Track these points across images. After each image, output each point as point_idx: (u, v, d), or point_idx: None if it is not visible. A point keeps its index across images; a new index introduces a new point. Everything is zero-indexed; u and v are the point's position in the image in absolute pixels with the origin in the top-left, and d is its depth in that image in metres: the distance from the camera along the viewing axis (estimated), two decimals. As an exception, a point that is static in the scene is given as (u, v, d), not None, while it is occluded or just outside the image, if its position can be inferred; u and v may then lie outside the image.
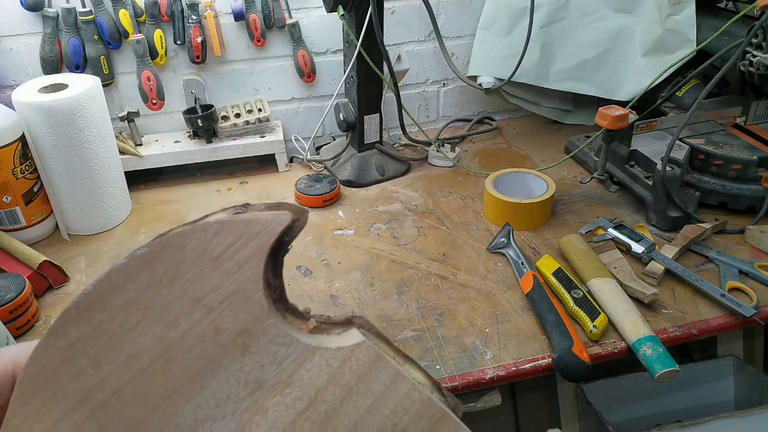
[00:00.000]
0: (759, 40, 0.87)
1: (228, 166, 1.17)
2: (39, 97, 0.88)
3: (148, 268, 0.26)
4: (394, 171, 1.14)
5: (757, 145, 0.98)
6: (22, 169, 0.89)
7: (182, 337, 0.27)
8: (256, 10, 1.10)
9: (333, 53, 1.19)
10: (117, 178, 0.99)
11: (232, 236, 0.27)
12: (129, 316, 0.26)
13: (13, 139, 0.87)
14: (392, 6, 1.18)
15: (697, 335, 0.75)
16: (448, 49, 1.17)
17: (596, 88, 1.21)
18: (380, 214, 1.02)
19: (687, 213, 0.92)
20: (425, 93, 1.30)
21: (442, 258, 0.90)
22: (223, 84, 1.16)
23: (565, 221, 0.98)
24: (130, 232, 0.99)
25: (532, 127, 1.33)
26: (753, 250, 0.88)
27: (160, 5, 1.04)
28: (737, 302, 0.76)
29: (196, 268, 0.27)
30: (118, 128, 1.11)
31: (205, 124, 1.08)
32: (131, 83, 1.10)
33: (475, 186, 1.10)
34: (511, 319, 0.78)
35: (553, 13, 1.16)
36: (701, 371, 1.00)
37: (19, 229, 0.92)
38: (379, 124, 1.13)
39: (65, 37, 1.02)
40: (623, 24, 1.16)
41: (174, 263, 0.26)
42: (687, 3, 1.07)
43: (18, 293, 0.76)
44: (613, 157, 1.02)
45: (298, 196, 1.05)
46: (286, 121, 1.23)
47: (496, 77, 1.19)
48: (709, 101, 1.09)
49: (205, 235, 0.27)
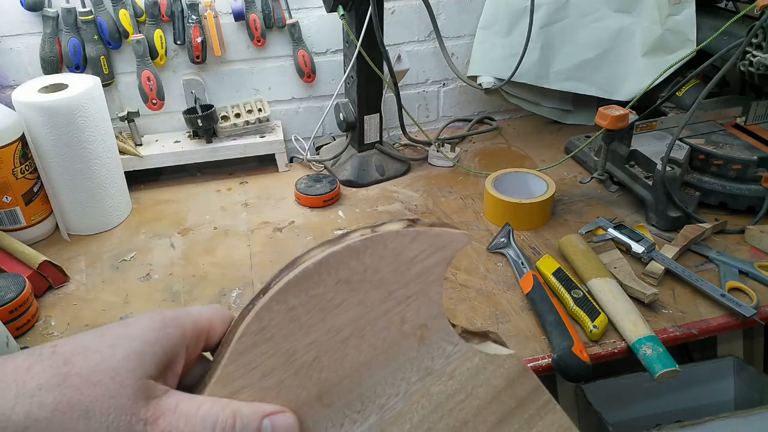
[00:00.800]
0: (759, 40, 0.87)
1: (228, 166, 1.17)
2: (39, 97, 0.88)
3: (357, 257, 0.30)
4: (394, 171, 1.14)
5: (757, 145, 0.98)
6: (22, 169, 0.89)
7: (375, 320, 0.31)
8: (256, 10, 1.10)
9: (333, 53, 1.19)
10: (117, 178, 0.99)
11: (424, 245, 0.32)
12: (337, 295, 0.30)
13: (13, 139, 0.87)
14: (392, 6, 1.18)
15: (697, 335, 0.75)
16: (448, 49, 1.17)
17: (596, 88, 1.21)
18: (380, 214, 1.02)
19: (687, 213, 0.92)
20: (425, 93, 1.30)
21: (442, 258, 0.90)
22: (223, 84, 1.16)
23: (565, 221, 0.98)
24: (130, 232, 0.99)
25: (532, 127, 1.33)
26: (753, 250, 0.88)
27: (160, 5, 1.04)
28: (737, 302, 0.76)
29: (393, 265, 0.31)
30: (118, 128, 1.11)
31: (205, 124, 1.08)
32: (131, 83, 1.10)
33: (475, 186, 1.10)
34: (511, 319, 0.78)
35: (553, 13, 1.16)
36: (701, 371, 1.00)
37: (19, 229, 0.92)
38: (379, 124, 1.13)
39: (65, 37, 1.02)
40: (623, 24, 1.16)
41: (377, 258, 0.31)
42: (687, 3, 1.07)
43: (18, 293, 0.76)
44: (613, 157, 1.02)
45: (298, 196, 1.05)
46: (286, 121, 1.23)
47: (496, 77, 1.19)
48: (709, 101, 1.09)
49: (404, 239, 0.31)
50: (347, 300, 0.31)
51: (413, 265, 0.32)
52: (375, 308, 0.31)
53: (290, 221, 1.01)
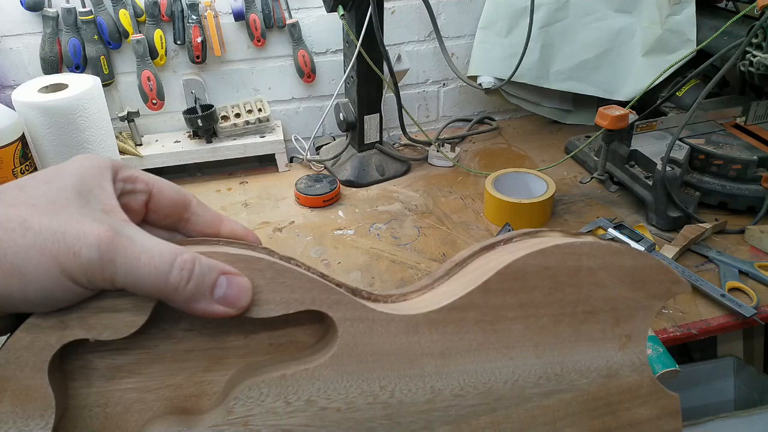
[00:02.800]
0: (759, 40, 0.87)
1: (228, 166, 1.17)
2: (39, 97, 0.88)
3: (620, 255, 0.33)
4: (394, 171, 1.14)
5: (757, 145, 0.98)
6: (22, 169, 0.89)
7: (572, 311, 0.34)
8: (256, 10, 1.10)
9: (333, 53, 1.19)
10: (117, 178, 0.99)
11: (633, 261, 0.34)
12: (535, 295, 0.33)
13: (13, 139, 0.87)
14: (392, 6, 1.18)
15: (697, 335, 0.75)
16: (448, 49, 1.17)
17: (596, 88, 1.21)
18: (380, 214, 1.02)
19: (687, 213, 0.92)
20: (425, 93, 1.30)
21: (442, 258, 0.90)
22: (223, 84, 1.16)
23: (565, 221, 0.98)
24: (130, 232, 0.99)
25: (532, 127, 1.33)
26: (753, 250, 0.88)
27: (160, 5, 1.04)
28: (737, 302, 0.76)
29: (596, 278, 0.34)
30: (118, 128, 1.11)
31: (205, 124, 1.08)
32: (131, 83, 1.10)
33: (475, 186, 1.10)
34: (511, 319, 0.78)
35: (553, 13, 1.16)
36: (701, 371, 1.00)
37: (19, 229, 0.92)
38: (379, 124, 1.13)
39: (65, 37, 1.02)
40: (623, 24, 1.16)
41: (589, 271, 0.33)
42: (687, 3, 1.07)
43: (18, 293, 0.76)
44: (613, 157, 1.02)
45: (298, 196, 1.05)
46: (286, 121, 1.23)
47: (496, 77, 1.19)
48: (709, 101, 1.09)
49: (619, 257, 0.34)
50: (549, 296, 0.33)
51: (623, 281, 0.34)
52: (576, 308, 0.34)
53: (290, 221, 1.01)
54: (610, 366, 0.35)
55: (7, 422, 0.26)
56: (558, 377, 0.34)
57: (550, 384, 0.34)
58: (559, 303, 0.33)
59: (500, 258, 0.33)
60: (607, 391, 0.35)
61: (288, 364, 0.31)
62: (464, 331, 0.32)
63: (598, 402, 0.35)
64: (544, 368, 0.34)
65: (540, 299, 0.33)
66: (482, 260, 0.34)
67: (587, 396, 0.35)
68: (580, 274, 0.33)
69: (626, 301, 0.34)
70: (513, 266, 0.32)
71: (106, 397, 0.29)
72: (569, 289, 0.33)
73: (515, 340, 0.33)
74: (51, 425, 0.27)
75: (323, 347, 0.31)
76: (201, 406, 0.31)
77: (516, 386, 0.34)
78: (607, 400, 0.35)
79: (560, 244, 0.32)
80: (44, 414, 0.26)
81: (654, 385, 0.36)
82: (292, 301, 0.29)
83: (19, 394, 0.26)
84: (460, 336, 0.32)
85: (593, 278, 0.33)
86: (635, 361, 0.36)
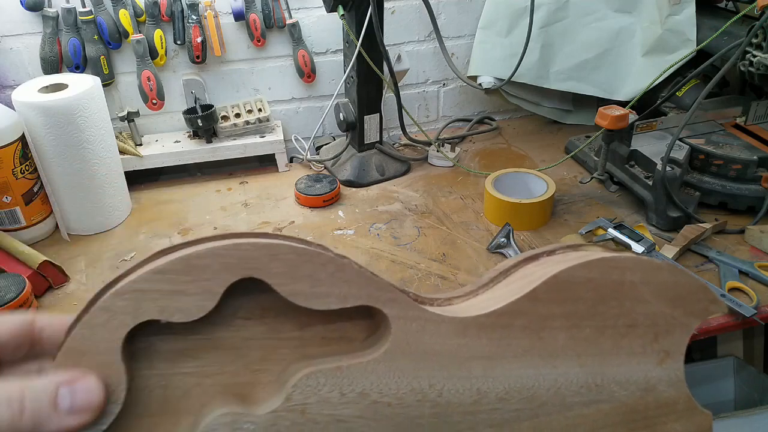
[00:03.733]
0: (759, 40, 0.87)
1: (228, 166, 1.17)
2: (39, 97, 0.88)
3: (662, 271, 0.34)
4: (394, 171, 1.14)
5: (757, 145, 0.98)
6: (22, 169, 0.89)
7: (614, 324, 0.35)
8: (256, 10, 1.10)
9: (333, 53, 1.19)
10: (117, 178, 0.99)
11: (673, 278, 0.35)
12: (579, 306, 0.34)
13: (13, 139, 0.87)
14: (392, 6, 1.18)
15: (697, 335, 0.75)
16: (448, 49, 1.17)
17: (596, 88, 1.21)
18: (380, 214, 1.02)
19: (687, 213, 0.92)
20: (425, 93, 1.30)
21: (442, 258, 0.90)
22: (223, 84, 1.16)
23: (565, 221, 0.98)
24: (130, 232, 0.99)
25: (532, 127, 1.33)
26: (753, 250, 0.88)
27: (160, 5, 1.04)
28: (737, 302, 0.76)
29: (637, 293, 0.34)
30: (118, 128, 1.11)
31: (205, 124, 1.08)
32: (131, 83, 1.10)
33: (475, 186, 1.10)
34: (511, 319, 0.78)
35: (553, 13, 1.16)
36: (701, 371, 1.00)
37: (19, 229, 0.92)
38: (379, 124, 1.13)
39: (65, 37, 1.02)
40: (623, 24, 1.16)
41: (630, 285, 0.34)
42: (687, 3, 1.07)
43: (18, 293, 0.76)
44: (613, 157, 1.02)
45: (298, 196, 1.05)
46: (286, 121, 1.23)
47: (496, 77, 1.19)
48: (709, 101, 1.09)
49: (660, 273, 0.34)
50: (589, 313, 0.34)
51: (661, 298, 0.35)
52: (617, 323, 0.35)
53: (290, 221, 1.01)
54: (648, 380, 0.36)
55: None
56: (599, 388, 0.35)
57: (591, 394, 0.35)
58: (602, 315, 0.34)
59: (545, 269, 0.34)
60: (644, 404, 0.36)
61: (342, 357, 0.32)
62: (511, 337, 0.33)
63: (636, 415, 0.36)
64: (585, 378, 0.35)
65: (584, 311, 0.34)
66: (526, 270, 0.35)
67: (626, 408, 0.36)
68: (622, 288, 0.34)
69: (665, 317, 0.35)
70: (560, 277, 0.33)
71: (167, 380, 0.30)
72: (612, 303, 0.34)
73: (559, 349, 0.34)
74: (121, 401, 0.28)
75: (375, 342, 0.32)
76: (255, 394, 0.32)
77: (558, 394, 0.34)
78: (644, 414, 0.36)
79: (605, 257, 0.33)
80: (115, 390, 0.27)
81: (690, 401, 0.37)
82: (350, 296, 0.30)
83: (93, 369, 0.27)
84: (507, 341, 0.33)
85: (635, 293, 0.34)
86: (672, 376, 0.37)
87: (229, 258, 0.28)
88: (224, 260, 0.28)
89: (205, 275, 0.28)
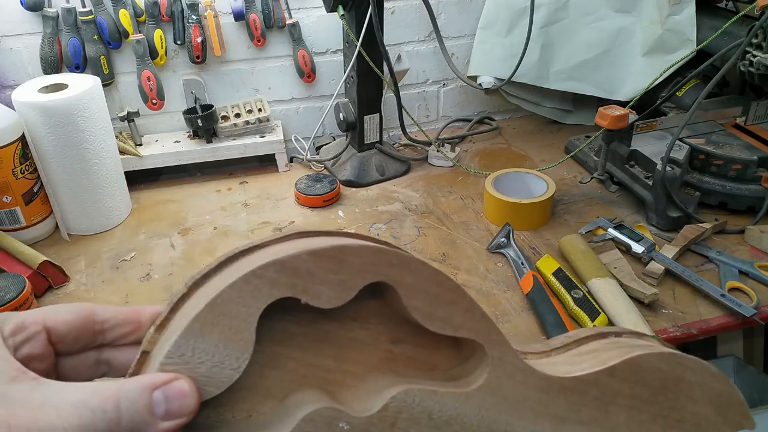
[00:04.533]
0: (759, 40, 0.87)
1: (228, 166, 1.17)
2: (39, 97, 0.88)
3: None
4: (394, 171, 1.14)
5: (757, 145, 0.98)
6: (22, 169, 0.89)
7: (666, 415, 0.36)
8: (256, 10, 1.10)
9: (333, 53, 1.19)
10: (117, 178, 0.99)
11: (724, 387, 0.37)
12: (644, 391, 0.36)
13: (13, 139, 0.87)
14: (392, 6, 1.18)
15: (697, 335, 0.75)
16: (448, 49, 1.17)
17: (596, 88, 1.21)
18: (380, 214, 1.02)
19: (687, 213, 0.92)
20: (425, 93, 1.30)
21: (442, 258, 0.90)
22: (223, 84, 1.16)
23: (565, 221, 0.98)
24: (130, 232, 0.99)
25: (532, 127, 1.33)
26: (753, 250, 0.88)
27: (160, 5, 1.04)
28: (737, 302, 0.76)
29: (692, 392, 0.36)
30: (118, 128, 1.11)
31: (205, 124, 1.08)
32: (131, 83, 1.10)
33: (475, 186, 1.10)
34: (511, 319, 0.78)
35: (553, 13, 1.16)
36: (701, 371, 1.00)
37: (19, 229, 0.92)
38: (379, 124, 1.13)
39: (65, 37, 1.02)
40: (623, 24, 1.16)
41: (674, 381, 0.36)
42: (687, 3, 1.07)
43: (18, 293, 0.76)
44: (613, 157, 1.02)
45: (298, 196, 1.05)
46: (286, 121, 1.23)
47: (496, 77, 1.19)
48: (709, 101, 1.09)
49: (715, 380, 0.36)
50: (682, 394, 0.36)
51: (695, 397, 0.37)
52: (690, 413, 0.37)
53: (290, 221, 1.01)
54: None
55: (208, 352, 0.27)
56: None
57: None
58: (660, 405, 0.36)
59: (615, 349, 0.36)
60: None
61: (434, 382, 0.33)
62: (583, 404, 0.35)
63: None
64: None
65: (647, 396, 0.36)
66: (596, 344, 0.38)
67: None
68: (681, 384, 0.36)
69: (708, 420, 0.37)
70: (637, 360, 0.35)
71: (269, 359, 0.30)
72: (670, 395, 0.36)
73: (619, 426, 0.36)
74: (242, 369, 0.28)
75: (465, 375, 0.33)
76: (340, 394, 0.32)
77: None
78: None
79: (675, 353, 0.36)
80: (239, 357, 0.28)
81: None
82: (463, 328, 0.32)
83: (228, 331, 0.27)
84: (579, 407, 0.35)
85: (691, 391, 0.36)
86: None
87: (375, 259, 0.29)
88: (371, 260, 0.29)
89: (353, 269, 0.29)
